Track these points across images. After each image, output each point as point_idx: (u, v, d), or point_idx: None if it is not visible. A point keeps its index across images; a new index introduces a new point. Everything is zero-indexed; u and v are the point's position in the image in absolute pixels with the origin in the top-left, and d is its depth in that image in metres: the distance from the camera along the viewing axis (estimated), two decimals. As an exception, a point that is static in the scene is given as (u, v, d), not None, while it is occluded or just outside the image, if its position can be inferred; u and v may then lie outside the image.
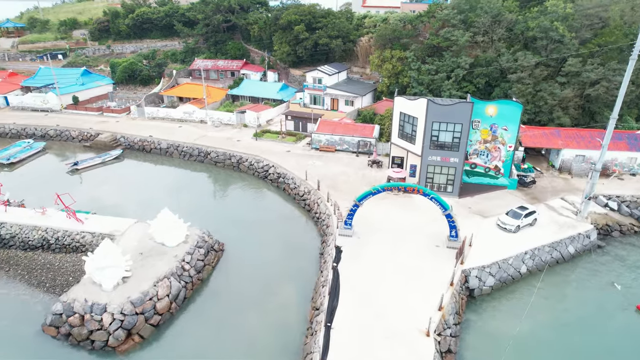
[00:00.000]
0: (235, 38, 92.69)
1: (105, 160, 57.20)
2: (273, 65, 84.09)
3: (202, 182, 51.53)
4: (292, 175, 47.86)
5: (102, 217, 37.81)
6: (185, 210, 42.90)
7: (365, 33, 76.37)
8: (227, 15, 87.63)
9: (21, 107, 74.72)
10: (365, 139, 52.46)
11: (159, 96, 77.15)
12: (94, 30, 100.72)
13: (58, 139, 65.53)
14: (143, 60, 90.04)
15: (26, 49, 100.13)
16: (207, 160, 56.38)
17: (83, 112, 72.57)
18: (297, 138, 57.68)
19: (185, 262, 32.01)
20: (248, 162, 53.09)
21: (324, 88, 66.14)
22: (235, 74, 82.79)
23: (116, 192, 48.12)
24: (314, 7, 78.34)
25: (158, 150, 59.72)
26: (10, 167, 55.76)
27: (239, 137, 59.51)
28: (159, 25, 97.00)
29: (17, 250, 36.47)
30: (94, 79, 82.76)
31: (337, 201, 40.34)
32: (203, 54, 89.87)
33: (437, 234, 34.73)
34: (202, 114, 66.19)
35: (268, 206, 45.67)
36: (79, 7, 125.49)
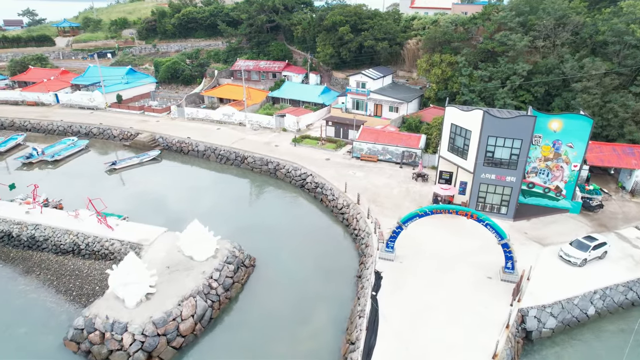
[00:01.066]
0: (278, 39, 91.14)
1: (142, 160, 56.81)
2: (315, 67, 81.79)
3: (237, 188, 49.83)
4: (331, 185, 45.19)
5: (132, 224, 36.64)
6: (218, 218, 41.44)
7: (413, 35, 72.54)
8: (270, 15, 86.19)
9: (69, 105, 76.31)
10: (410, 149, 49.00)
11: (199, 96, 76.68)
12: (141, 29, 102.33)
13: (100, 137, 66.11)
14: (186, 59, 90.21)
15: (79, 47, 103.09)
16: (244, 165, 54.74)
17: (126, 110, 73.11)
18: (337, 145, 54.97)
19: (213, 279, 30.05)
20: (285, 169, 50.91)
21: (367, 93, 63.05)
22: (276, 75, 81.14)
23: (150, 195, 47.24)
24: (360, 7, 75.29)
25: (195, 152, 58.76)
26: (54, 165, 56.42)
27: (277, 142, 57.52)
28: (203, 24, 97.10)
29: (49, 254, 35.93)
30: (138, 78, 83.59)
31: (378, 218, 37.28)
32: (245, 55, 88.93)
33: (490, 264, 30.98)
34: (241, 117, 64.80)
35: (304, 218, 43.24)
36: (130, 7, 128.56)
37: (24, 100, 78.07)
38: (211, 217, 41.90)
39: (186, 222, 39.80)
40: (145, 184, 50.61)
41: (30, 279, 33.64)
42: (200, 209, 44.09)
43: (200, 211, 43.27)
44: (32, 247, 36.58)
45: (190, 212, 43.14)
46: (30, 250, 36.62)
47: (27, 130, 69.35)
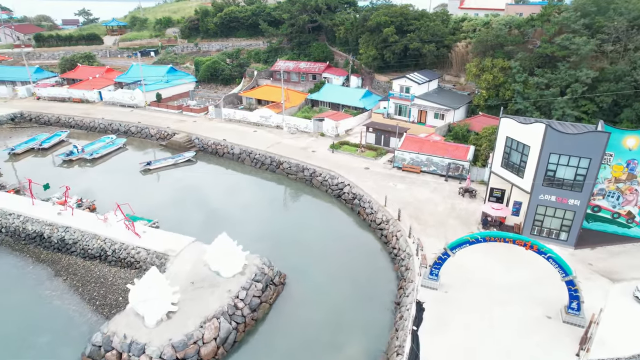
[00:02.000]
0: (320, 39, 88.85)
1: (177, 161, 55.95)
2: (357, 69, 78.87)
3: (270, 195, 47.79)
4: (369, 198, 42.24)
5: (160, 232, 35.19)
6: (249, 227, 39.64)
7: (462, 38, 68.21)
8: (313, 15, 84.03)
9: (112, 102, 77.22)
10: (457, 161, 45.24)
11: (237, 97, 75.57)
12: (184, 28, 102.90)
13: (138, 135, 66.09)
14: (227, 59, 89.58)
15: (124, 46, 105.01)
16: (279, 171, 52.68)
17: (164, 109, 73.01)
18: (377, 153, 51.88)
19: (239, 299, 27.91)
20: (322, 177, 48.40)
21: (411, 98, 59.53)
22: (316, 77, 78.84)
23: (181, 199, 46.00)
24: (407, 8, 71.68)
25: (230, 155, 57.33)
26: (92, 163, 56.55)
27: (314, 147, 55.11)
28: (245, 24, 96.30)
29: (77, 258, 35.11)
30: (179, 77, 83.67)
31: (420, 238, 34.04)
32: (286, 55, 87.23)
33: (549, 300, 27.13)
34: (278, 119, 62.90)
35: (339, 231, 40.51)
36: (175, 6, 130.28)
37: (71, 97, 79.77)
38: (242, 225, 40.18)
39: (216, 230, 38.17)
40: (178, 186, 49.54)
41: (57, 284, 32.83)
42: (232, 216, 42.38)
43: (231, 219, 41.65)
44: (61, 249, 35.91)
45: (221, 219, 41.60)
46: (60, 252, 35.96)
47: (71, 127, 70.55)
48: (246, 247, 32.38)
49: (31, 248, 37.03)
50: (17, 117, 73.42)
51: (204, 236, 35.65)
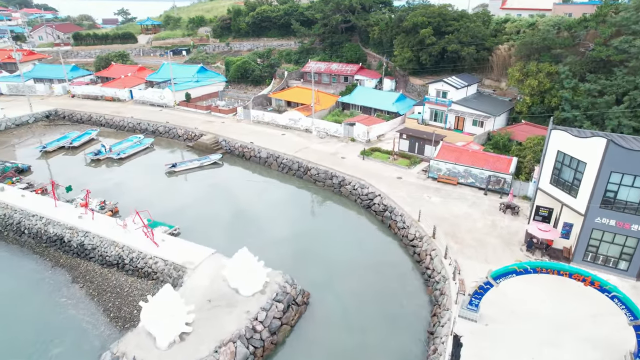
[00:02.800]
0: (353, 40, 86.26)
1: (203, 164, 54.68)
2: (391, 71, 75.85)
3: (296, 203, 45.63)
4: (402, 211, 39.41)
5: (179, 242, 33.56)
6: (272, 237, 37.72)
7: (504, 40, 64.08)
8: (346, 15, 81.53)
9: (142, 101, 77.17)
10: (498, 174, 41.78)
11: (267, 98, 73.96)
12: (216, 27, 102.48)
13: (166, 135, 65.40)
14: (257, 59, 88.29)
15: (157, 45, 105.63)
16: (307, 177, 50.50)
17: (193, 109, 72.20)
18: (411, 162, 48.90)
19: (257, 321, 25.81)
20: (351, 186, 45.88)
21: (448, 103, 56.14)
22: (348, 79, 76.30)
23: (204, 204, 44.49)
24: (446, 8, 68.12)
25: (257, 159, 55.59)
26: (119, 163, 56.05)
27: (344, 154, 52.63)
28: (277, 23, 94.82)
29: (95, 264, 33.98)
30: (209, 77, 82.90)
31: (457, 260, 31.08)
32: (317, 56, 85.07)
33: (609, 343, 23.71)
34: (307, 122, 60.76)
35: (368, 246, 37.90)
36: (208, 5, 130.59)
37: (103, 96, 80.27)
38: (265, 235, 38.27)
39: (238, 240, 36.63)
40: (202, 190, 48.14)
41: (73, 291, 31.75)
42: (255, 224, 40.51)
43: (254, 227, 39.79)
44: (80, 254, 34.91)
45: (243, 227, 39.82)
46: (79, 257, 34.96)
47: (101, 125, 70.73)
48: (268, 259, 30.43)
49: (51, 251, 36.26)
50: (52, 114, 74.31)
51: (225, 246, 33.92)
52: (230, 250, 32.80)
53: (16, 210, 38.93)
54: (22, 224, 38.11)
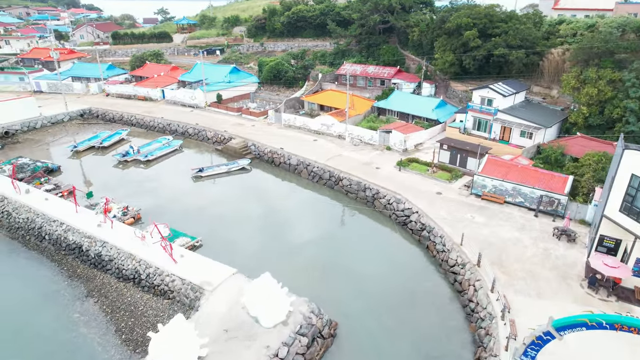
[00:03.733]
0: (391, 41, 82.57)
1: (231, 169, 52.64)
2: (431, 76, 71.74)
3: (325, 216, 42.64)
4: (442, 231, 35.78)
5: (199, 258, 31.26)
6: (297, 255, 34.89)
7: (558, 43, 58.95)
8: (385, 16, 77.92)
9: (173, 101, 76.31)
10: (551, 194, 37.39)
11: (299, 101, 71.40)
12: (251, 27, 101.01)
13: (195, 138, 63.94)
14: (291, 59, 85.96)
15: (192, 44, 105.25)
16: (338, 188, 47.50)
17: (224, 111, 70.57)
18: (452, 176, 45.01)
19: (278, 358, 23.01)
20: (385, 200, 42.54)
21: (494, 112, 51.76)
22: (385, 82, 72.74)
23: (229, 212, 42.30)
24: (493, 8, 63.43)
25: (287, 165, 53.04)
26: (146, 165, 54.83)
27: (379, 163, 49.28)
28: (312, 24, 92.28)
29: (111, 277, 32.20)
30: (241, 77, 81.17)
31: (506, 295, 27.29)
32: (353, 58, 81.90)
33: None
34: (341, 128, 57.72)
35: (404, 269, 34.47)
36: (244, 5, 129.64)
37: (136, 95, 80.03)
38: (290, 251, 35.70)
39: (261, 257, 34.19)
40: (228, 197, 46.01)
41: (87, 306, 30.01)
42: (280, 238, 37.91)
43: (280, 243, 37.22)
44: (97, 265, 33.26)
45: (268, 242, 37.30)
46: (96, 268, 33.32)
47: (132, 125, 70.21)
48: (293, 280, 27.95)
49: (70, 260, 34.84)
50: (86, 113, 74.51)
51: (247, 264, 31.69)
52: (253, 268, 30.57)
53: (38, 215, 37.89)
54: (44, 229, 36.99)
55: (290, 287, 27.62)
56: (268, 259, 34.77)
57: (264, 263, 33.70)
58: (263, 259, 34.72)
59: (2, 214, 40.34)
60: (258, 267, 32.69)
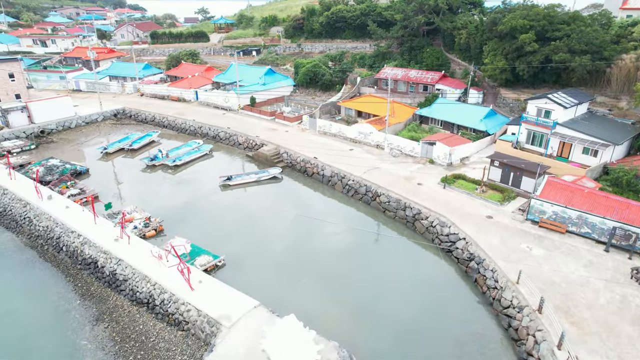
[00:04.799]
0: (435, 44, 77.52)
1: (261, 178, 49.62)
2: (478, 82, 66.35)
3: (360, 237, 38.66)
4: (493, 264, 31.16)
5: (218, 285, 28.11)
6: (328, 283, 31.26)
7: (631, 48, 52.46)
8: (430, 17, 72.99)
9: (206, 103, 74.45)
10: (628, 226, 31.94)
11: (336, 106, 67.70)
12: (288, 27, 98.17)
13: (226, 142, 61.47)
14: (329, 62, 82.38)
15: (228, 44, 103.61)
16: (375, 204, 43.49)
17: (257, 114, 67.87)
18: (504, 197, 40.04)
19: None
20: (428, 222, 38.19)
21: (552, 125, 46.24)
22: (428, 88, 67.92)
23: (257, 229, 39.14)
24: (554, 9, 57.42)
25: (320, 176, 49.48)
26: (174, 170, 52.70)
27: (420, 179, 44.88)
28: (352, 24, 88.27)
29: (124, 299, 29.66)
30: (276, 79, 78.34)
31: (578, 356, 22.55)
32: (394, 61, 77.42)
33: None
34: (379, 137, 53.61)
35: (448, 305, 30.13)
36: (282, 4, 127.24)
37: (169, 95, 78.80)
38: (319, 278, 31.97)
39: (288, 283, 30.73)
40: (256, 210, 42.94)
41: (97, 332, 27.52)
42: (309, 262, 34.33)
43: (309, 265, 33.64)
44: (111, 284, 30.84)
45: (296, 265, 33.97)
46: (110, 288, 30.92)
47: (163, 126, 68.78)
48: (321, 318, 24.24)
49: (84, 275, 32.66)
50: (119, 113, 73.78)
51: (271, 292, 28.47)
52: (277, 298, 27.33)
53: (58, 224, 36.06)
54: (62, 240, 35.08)
55: (317, 326, 24.15)
56: (294, 287, 31.33)
57: (289, 293, 30.35)
58: (289, 287, 31.32)
59: (24, 220, 38.90)
60: (283, 297, 29.47)
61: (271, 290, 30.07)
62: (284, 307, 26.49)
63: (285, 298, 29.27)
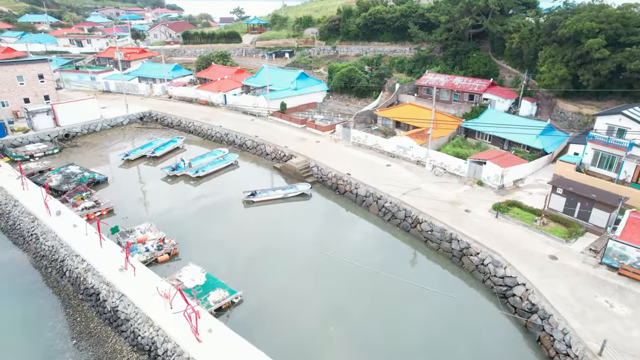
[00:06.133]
0: (482, 49, 71.13)
1: (287, 195, 45.22)
2: (531, 92, 59.68)
3: (398, 271, 33.39)
4: (564, 323, 25.39)
5: (230, 336, 23.66)
6: (359, 336, 26.11)
7: None
8: (478, 19, 66.71)
9: (234, 108, 70.92)
10: None
11: (372, 115, 62.55)
12: (323, 29, 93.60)
13: (253, 151, 57.50)
14: (365, 66, 77.24)
15: (261, 45, 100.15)
16: (415, 232, 38.22)
17: (287, 121, 63.62)
18: (570, 232, 33.91)
19: None
20: (478, 259, 32.66)
21: (629, 146, 39.58)
22: (474, 97, 61.79)
23: (279, 257, 34.61)
24: (629, 9, 50.25)
25: (353, 195, 44.59)
26: (196, 182, 49.09)
27: (468, 204, 39.26)
28: (391, 26, 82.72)
29: (124, 343, 25.75)
30: (309, 84, 73.94)
31: None
32: (436, 66, 71.50)
33: None
34: (421, 153, 48.19)
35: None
36: (318, 5, 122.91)
37: (197, 99, 75.82)
38: (352, 329, 27.00)
39: (312, 339, 26.06)
40: (281, 232, 38.59)
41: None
42: (339, 308, 29.46)
43: (337, 313, 28.80)
44: (112, 323, 27.05)
45: (324, 312, 28.98)
46: (110, 327, 27.11)
47: (189, 132, 65.66)
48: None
49: (85, 308, 29.04)
50: (146, 116, 71.26)
51: (295, 342, 23.83)
52: (301, 354, 22.58)
53: (63, 245, 32.76)
54: (65, 264, 31.74)
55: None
56: (320, 338, 26.61)
57: (315, 346, 25.65)
58: (314, 337, 26.63)
59: (31, 237, 35.97)
60: (307, 351, 24.81)
61: (294, 339, 25.54)
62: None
63: (310, 353, 24.63)
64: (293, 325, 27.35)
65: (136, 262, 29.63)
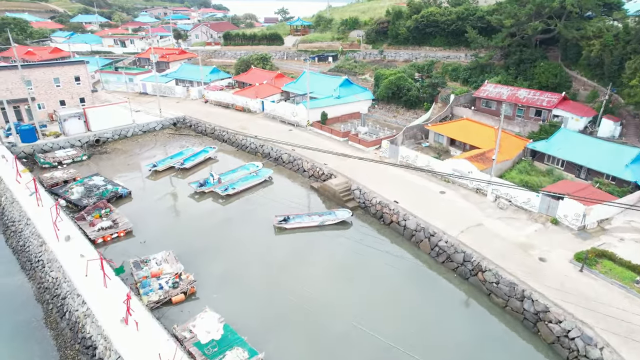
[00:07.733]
0: (551, 57, 62.64)
1: (324, 222, 39.65)
2: (614, 109, 51.09)
3: (456, 338, 27.13)
4: None
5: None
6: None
7: None
8: (550, 23, 58.49)
9: (272, 116, 66.20)
10: None
11: (423, 129, 55.87)
12: (370, 31, 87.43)
13: (289, 166, 52.41)
14: (415, 73, 70.45)
15: (303, 48, 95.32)
16: (475, 281, 31.61)
17: (327, 133, 58.08)
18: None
19: None
20: (561, 329, 25.75)
21: None
22: (542, 113, 53.81)
23: (311, 303, 29.05)
24: None
25: (401, 228, 38.37)
26: (225, 201, 44.55)
27: (542, 249, 32.19)
28: (445, 30, 75.50)
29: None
30: (353, 92, 68.08)
31: None
32: (496, 75, 63.79)
33: None
34: (482, 179, 41.20)
35: None
36: (365, 5, 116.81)
37: (234, 104, 71.77)
38: None
39: None
40: (315, 269, 33.22)
41: None
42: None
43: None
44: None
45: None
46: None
47: (223, 141, 61.58)
48: None
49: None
50: (179, 122, 67.96)
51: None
52: None
53: (66, 279, 28.71)
54: (66, 303, 27.63)
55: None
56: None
57: None
58: None
59: (38, 264, 32.30)
60: None
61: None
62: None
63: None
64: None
65: (141, 312, 24.91)
